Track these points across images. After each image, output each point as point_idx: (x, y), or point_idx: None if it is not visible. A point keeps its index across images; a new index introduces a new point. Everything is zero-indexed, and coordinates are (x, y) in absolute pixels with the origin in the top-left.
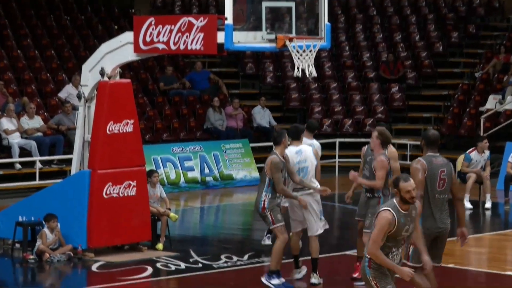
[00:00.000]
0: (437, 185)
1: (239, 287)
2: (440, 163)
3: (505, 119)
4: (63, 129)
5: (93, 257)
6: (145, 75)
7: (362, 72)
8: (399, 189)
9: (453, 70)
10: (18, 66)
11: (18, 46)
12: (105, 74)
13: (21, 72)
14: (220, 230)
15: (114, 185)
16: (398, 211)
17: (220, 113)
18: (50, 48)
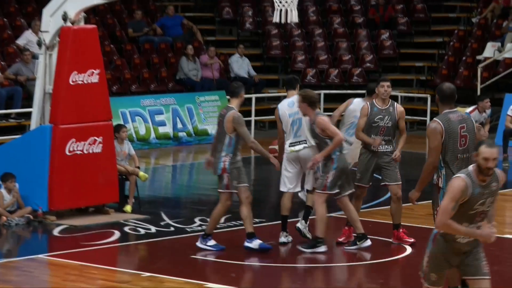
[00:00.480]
0: (458, 144)
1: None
2: (459, 119)
3: (504, 68)
4: (22, 79)
5: (54, 220)
6: (112, 20)
7: (349, 17)
8: (478, 152)
9: (449, 15)
10: None
11: None
12: (68, 19)
13: None
14: (194, 190)
15: (78, 141)
16: (472, 180)
17: (194, 62)
18: None
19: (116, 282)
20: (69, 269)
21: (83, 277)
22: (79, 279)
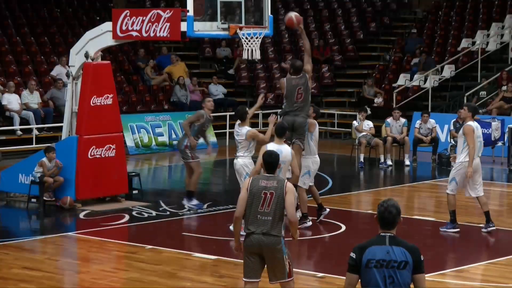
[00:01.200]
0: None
1: (200, 230)
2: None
3: (413, 93)
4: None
5: (80, 207)
6: (122, 57)
7: (298, 55)
8: None
9: (372, 54)
10: (17, 50)
11: (17, 34)
12: (89, 56)
13: (20, 55)
14: (184, 184)
15: (97, 148)
16: None
17: (185, 89)
18: (44, 35)
19: (126, 252)
20: (92, 243)
21: (102, 249)
22: (99, 251)
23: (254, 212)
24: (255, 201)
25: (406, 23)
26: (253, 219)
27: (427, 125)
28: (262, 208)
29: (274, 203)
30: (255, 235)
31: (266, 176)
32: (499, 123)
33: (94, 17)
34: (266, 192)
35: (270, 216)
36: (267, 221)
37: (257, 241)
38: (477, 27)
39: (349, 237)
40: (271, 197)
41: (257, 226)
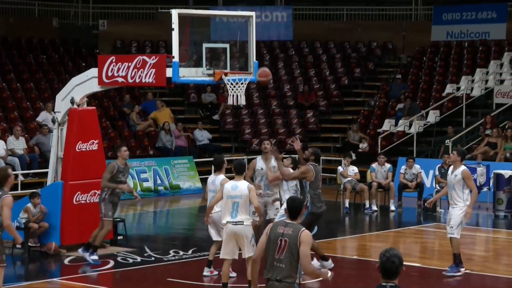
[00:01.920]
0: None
1: (185, 276)
2: None
3: (397, 138)
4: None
5: (65, 253)
6: (108, 103)
7: (283, 100)
8: None
9: (356, 99)
10: (3, 96)
11: (3, 80)
12: (75, 102)
13: (6, 101)
14: (169, 230)
15: (82, 193)
16: None
17: (170, 135)
18: (30, 81)
19: None
20: None
21: None
22: None
23: (271, 258)
24: (272, 247)
25: (390, 68)
26: (270, 265)
27: (412, 170)
28: (277, 255)
29: (288, 251)
30: (270, 281)
31: (285, 223)
32: (484, 169)
33: (80, 63)
34: (281, 239)
35: (284, 263)
36: (281, 268)
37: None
38: (461, 73)
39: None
40: (285, 245)
41: (273, 272)
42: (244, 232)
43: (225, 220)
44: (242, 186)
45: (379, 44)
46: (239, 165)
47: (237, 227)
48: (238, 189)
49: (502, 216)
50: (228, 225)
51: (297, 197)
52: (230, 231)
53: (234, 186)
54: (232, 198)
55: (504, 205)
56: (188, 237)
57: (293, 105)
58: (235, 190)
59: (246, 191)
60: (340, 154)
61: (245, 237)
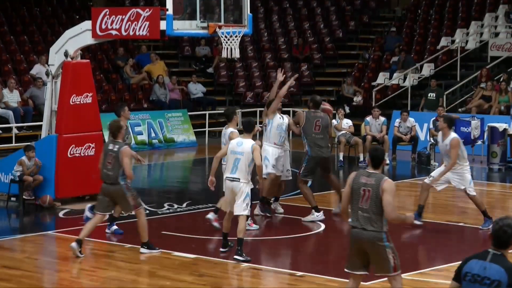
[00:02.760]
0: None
1: (179, 229)
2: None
3: (392, 92)
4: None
5: (60, 206)
6: (101, 56)
7: (277, 53)
8: None
9: (351, 52)
10: None
11: None
12: (69, 55)
13: None
14: (163, 183)
15: (77, 146)
16: None
17: (164, 88)
18: (23, 34)
19: (106, 251)
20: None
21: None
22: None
23: (355, 207)
24: (355, 197)
25: (385, 21)
26: (354, 214)
27: (407, 123)
28: (361, 204)
29: (372, 200)
30: (356, 229)
31: (368, 173)
32: (478, 122)
33: (73, 16)
34: (364, 189)
35: (369, 212)
36: (366, 217)
37: (357, 235)
38: (456, 26)
39: (328, 236)
40: (368, 194)
41: (358, 221)
42: (238, 189)
43: (225, 175)
44: (247, 144)
45: None
46: (247, 123)
47: (234, 184)
48: (242, 146)
49: (496, 169)
50: (227, 181)
51: (378, 146)
52: (228, 187)
53: (240, 142)
54: (234, 154)
55: (498, 158)
56: (182, 190)
57: (287, 58)
58: (239, 146)
59: (249, 150)
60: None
61: (239, 194)
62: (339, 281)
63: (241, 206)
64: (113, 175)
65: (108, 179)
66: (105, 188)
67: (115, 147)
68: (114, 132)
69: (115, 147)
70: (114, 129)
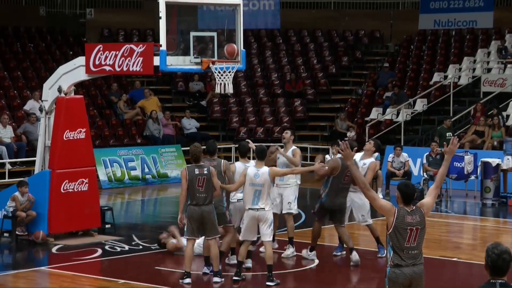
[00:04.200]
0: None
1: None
2: None
3: (385, 127)
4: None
5: (53, 241)
6: (95, 92)
7: (271, 89)
8: None
9: (344, 88)
10: None
11: None
12: (62, 91)
13: None
14: (157, 218)
15: (70, 182)
16: None
17: (158, 124)
18: (17, 70)
19: (99, 287)
20: (64, 278)
21: (74, 283)
22: (72, 285)
23: (400, 247)
24: (402, 236)
25: (378, 57)
26: (400, 253)
27: (400, 158)
28: (408, 243)
29: (420, 237)
30: (407, 267)
31: (407, 211)
32: (471, 157)
33: (67, 51)
34: (412, 228)
35: (418, 249)
36: (416, 254)
37: (409, 273)
38: (449, 61)
39: (322, 271)
40: (416, 233)
41: (407, 260)
42: (264, 217)
43: (247, 206)
44: (263, 173)
45: (366, 33)
46: (260, 151)
47: (259, 213)
48: (260, 178)
49: (490, 204)
50: (250, 211)
51: (409, 182)
52: (251, 216)
53: (256, 174)
54: (253, 186)
55: (492, 193)
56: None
57: (280, 94)
58: (257, 178)
59: (267, 177)
60: (328, 142)
61: (265, 221)
62: None
63: (267, 233)
64: (207, 196)
65: (202, 201)
66: (196, 210)
67: (205, 170)
68: (199, 156)
69: (204, 169)
70: (198, 153)
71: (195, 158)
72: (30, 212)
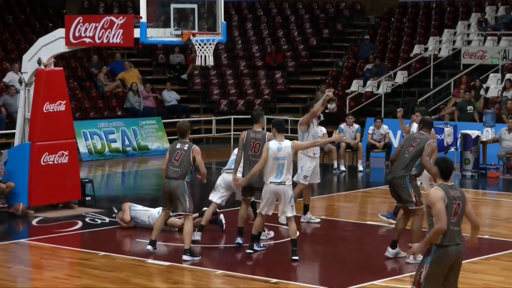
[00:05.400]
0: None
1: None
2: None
3: (366, 99)
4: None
5: (33, 214)
6: (75, 64)
7: (251, 61)
8: None
9: (325, 60)
10: None
11: None
12: (42, 63)
13: None
14: (137, 190)
15: (50, 154)
16: None
17: (138, 96)
18: None
19: (79, 259)
20: (44, 250)
21: (55, 256)
22: (52, 257)
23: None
24: (448, 212)
25: (359, 29)
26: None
27: (380, 130)
28: (453, 219)
29: (461, 213)
30: (451, 247)
31: (448, 186)
32: (451, 129)
33: (47, 23)
34: (455, 203)
35: (459, 226)
36: (458, 231)
37: (454, 253)
38: (429, 34)
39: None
40: (458, 208)
41: (452, 237)
42: (284, 192)
43: (269, 180)
44: (286, 147)
45: (347, 5)
46: (279, 123)
47: (280, 187)
48: (283, 151)
49: (469, 176)
50: (271, 185)
51: (446, 157)
52: (272, 190)
53: (279, 147)
54: (277, 159)
55: (471, 165)
56: (156, 198)
57: (261, 66)
58: (280, 151)
59: (290, 151)
60: None
61: (286, 197)
62: None
63: (289, 208)
64: (180, 171)
65: (174, 175)
66: (166, 183)
67: (185, 146)
68: (185, 131)
69: (185, 146)
70: (185, 128)
71: (181, 132)
72: (9, 184)
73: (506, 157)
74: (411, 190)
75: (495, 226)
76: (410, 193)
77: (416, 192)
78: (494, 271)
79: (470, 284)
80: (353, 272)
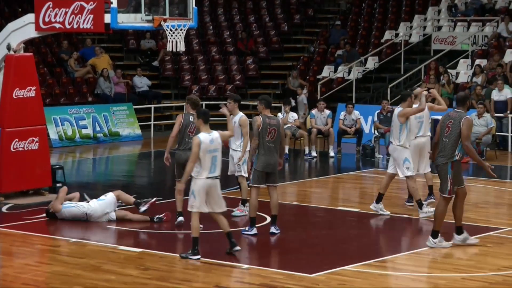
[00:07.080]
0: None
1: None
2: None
3: (337, 85)
4: None
5: (3, 200)
6: (45, 49)
7: (223, 47)
8: None
9: (296, 46)
10: None
11: None
12: (11, 48)
13: None
14: (108, 177)
15: (20, 140)
16: None
17: (109, 82)
18: None
19: (51, 246)
20: (15, 237)
21: (25, 243)
22: (22, 244)
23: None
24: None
25: (330, 15)
26: None
27: (352, 116)
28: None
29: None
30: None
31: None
32: None
33: (16, 8)
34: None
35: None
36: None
37: None
38: (400, 19)
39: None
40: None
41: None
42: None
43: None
44: (216, 137)
45: None
46: (205, 113)
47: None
48: (216, 142)
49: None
50: (208, 180)
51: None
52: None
53: (212, 140)
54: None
55: None
56: (128, 184)
57: (233, 52)
58: (212, 144)
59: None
60: (280, 100)
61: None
62: (284, 274)
63: (223, 203)
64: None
65: (188, 146)
66: (181, 154)
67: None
68: (196, 105)
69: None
70: (196, 101)
71: (193, 104)
72: None
73: (476, 143)
74: (449, 177)
75: (465, 211)
76: (448, 182)
77: (453, 180)
78: (465, 256)
79: (441, 268)
80: (324, 257)
